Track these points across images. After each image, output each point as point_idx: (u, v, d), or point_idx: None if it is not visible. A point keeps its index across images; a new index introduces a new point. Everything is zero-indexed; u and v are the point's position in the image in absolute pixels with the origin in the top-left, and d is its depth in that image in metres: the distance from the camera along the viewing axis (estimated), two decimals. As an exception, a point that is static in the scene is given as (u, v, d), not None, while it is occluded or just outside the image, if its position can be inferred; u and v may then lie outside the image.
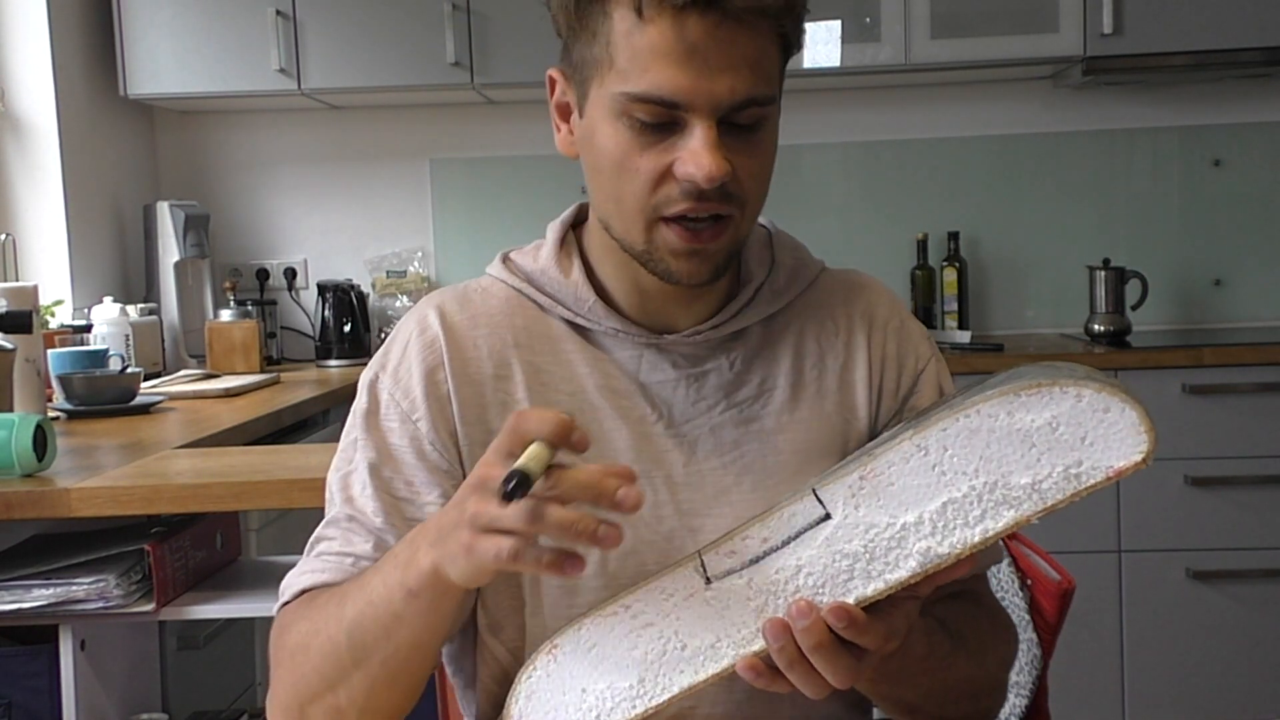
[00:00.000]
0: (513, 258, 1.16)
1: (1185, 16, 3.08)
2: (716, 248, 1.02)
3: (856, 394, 1.13)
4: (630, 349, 1.10)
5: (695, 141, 0.97)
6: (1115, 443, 0.82)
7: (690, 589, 0.92)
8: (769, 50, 0.99)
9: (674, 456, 1.09)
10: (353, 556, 1.06)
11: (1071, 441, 0.83)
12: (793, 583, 0.89)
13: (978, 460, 0.85)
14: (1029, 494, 0.84)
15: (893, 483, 0.87)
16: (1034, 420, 0.83)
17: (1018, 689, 1.22)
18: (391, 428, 1.09)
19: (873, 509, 0.87)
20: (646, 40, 0.96)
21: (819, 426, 1.11)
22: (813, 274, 1.16)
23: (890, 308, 1.17)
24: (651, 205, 1.00)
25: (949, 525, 0.85)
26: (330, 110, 3.57)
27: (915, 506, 0.86)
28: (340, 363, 3.41)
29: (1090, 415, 0.83)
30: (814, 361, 1.13)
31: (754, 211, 1.04)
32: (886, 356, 1.14)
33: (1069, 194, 3.50)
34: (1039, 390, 0.83)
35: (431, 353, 1.10)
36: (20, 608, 1.65)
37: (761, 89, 0.98)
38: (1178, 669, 2.94)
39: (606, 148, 1.01)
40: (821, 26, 3.16)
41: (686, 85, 0.96)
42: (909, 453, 0.86)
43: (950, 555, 0.85)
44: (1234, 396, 2.89)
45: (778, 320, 1.13)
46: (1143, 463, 0.82)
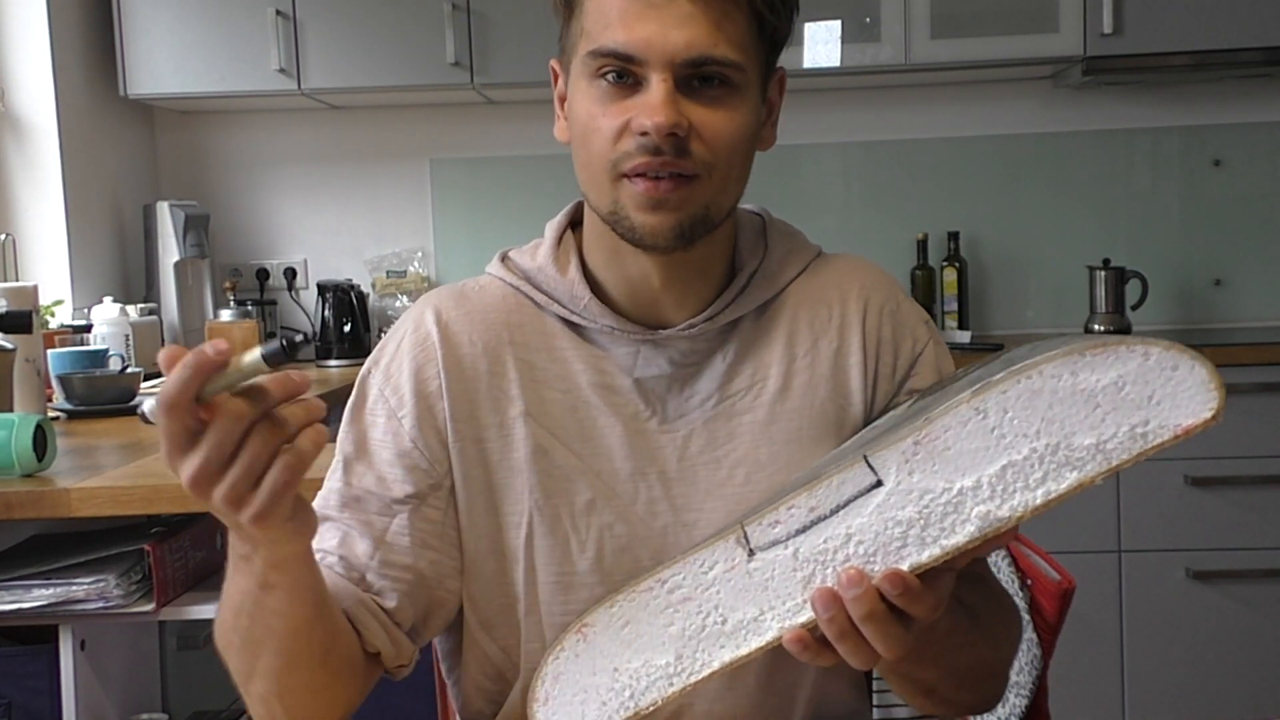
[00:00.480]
0: (511, 256, 1.16)
1: (1185, 16, 3.08)
2: (679, 199, 1.01)
3: (851, 380, 1.12)
4: (625, 345, 1.10)
5: (650, 95, 0.99)
6: (1184, 400, 0.81)
7: (731, 561, 0.90)
8: (733, 16, 1.00)
9: (668, 452, 1.09)
10: (319, 552, 1.06)
11: (1138, 400, 0.81)
12: (842, 551, 0.87)
13: (1039, 422, 0.83)
14: (1093, 454, 0.82)
15: (949, 447, 0.84)
16: (1099, 380, 0.82)
17: (1018, 689, 1.22)
18: (375, 422, 1.10)
19: (928, 474, 0.85)
20: (608, 3, 1.00)
21: (812, 415, 1.11)
22: (807, 259, 1.16)
23: (886, 291, 1.17)
24: (611, 161, 1.01)
25: (1009, 488, 0.83)
26: (330, 110, 3.57)
27: (973, 471, 0.84)
28: (340, 363, 3.41)
29: (1158, 373, 0.81)
30: (807, 349, 1.12)
31: (725, 180, 1.03)
32: (882, 340, 1.14)
33: (1069, 194, 3.50)
34: (1104, 350, 0.82)
35: (423, 350, 1.11)
36: (20, 608, 1.65)
37: (723, 50, 0.99)
38: (1178, 669, 2.93)
39: (579, 112, 1.04)
40: (821, 26, 3.16)
41: (641, 39, 0.98)
42: (966, 416, 0.84)
43: (1011, 518, 0.83)
44: (1234, 396, 2.86)
45: (771, 308, 1.13)
46: (1213, 419, 0.80)
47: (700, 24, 0.99)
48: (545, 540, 1.08)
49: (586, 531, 1.08)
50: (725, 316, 1.10)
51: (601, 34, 1.00)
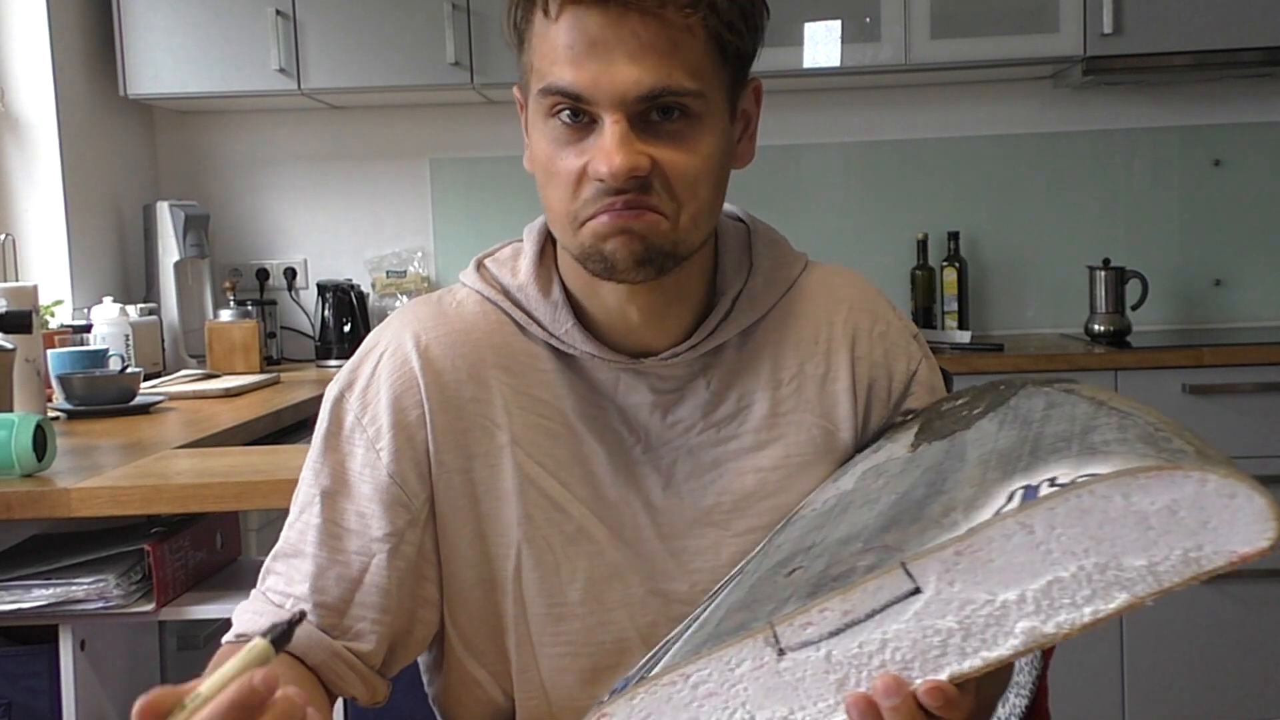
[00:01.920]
0: (489, 267, 1.12)
1: (1185, 16, 3.08)
2: (644, 228, 0.97)
3: (839, 405, 1.10)
4: (607, 372, 1.07)
5: (604, 138, 0.95)
6: (1240, 528, 0.78)
7: (760, 659, 0.87)
8: (687, 42, 0.94)
9: (652, 480, 1.07)
10: (291, 598, 1.04)
11: (1193, 526, 0.79)
12: (878, 657, 0.84)
13: (1089, 540, 0.80)
14: (1143, 576, 0.80)
15: (992, 559, 0.81)
16: (1153, 503, 0.79)
17: (1018, 689, 1.22)
18: (353, 453, 1.06)
19: (969, 585, 0.82)
20: (553, 37, 0.96)
21: (799, 441, 1.08)
22: (791, 276, 1.12)
23: (874, 313, 1.13)
24: (573, 211, 0.98)
25: (1055, 604, 0.81)
26: (330, 110, 3.57)
27: (1017, 585, 0.81)
28: (340, 363, 3.41)
29: (1215, 500, 0.79)
30: (793, 374, 1.09)
31: (696, 214, 0.99)
32: (875, 364, 1.11)
33: (1069, 194, 3.50)
34: (1159, 474, 0.79)
35: (403, 377, 1.06)
36: (20, 608, 1.65)
37: (678, 80, 0.94)
38: (1178, 669, 2.93)
39: (537, 153, 1.01)
40: (821, 26, 3.16)
41: (588, 78, 0.94)
42: (1011, 530, 0.81)
43: (1058, 634, 0.81)
44: (1234, 396, 2.89)
45: (755, 332, 1.10)
46: (1269, 549, 0.78)
47: (649, 56, 0.93)
48: (534, 572, 1.05)
49: (575, 561, 1.05)
50: (709, 344, 1.07)
51: (549, 71, 0.96)
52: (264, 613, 1.04)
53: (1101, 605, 0.81)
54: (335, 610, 1.04)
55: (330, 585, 1.04)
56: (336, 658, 1.03)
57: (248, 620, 1.05)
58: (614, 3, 0.93)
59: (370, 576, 1.04)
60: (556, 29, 0.95)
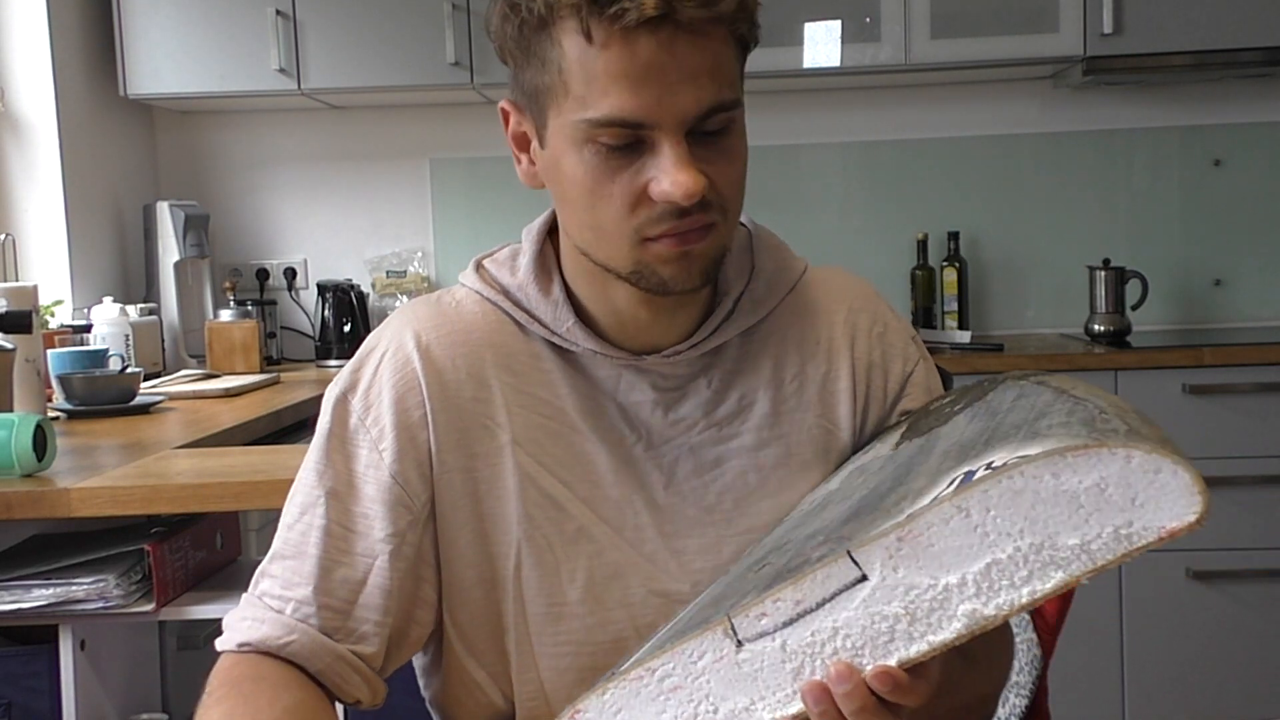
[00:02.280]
0: (488, 268, 1.12)
1: (1185, 16, 3.08)
2: (703, 249, 0.99)
3: (839, 405, 1.11)
4: (608, 369, 1.08)
5: (667, 160, 0.95)
6: (1168, 504, 0.80)
7: (720, 651, 0.89)
8: (725, 54, 0.96)
9: (654, 478, 1.07)
10: (293, 604, 1.04)
11: (1121, 503, 0.81)
12: (830, 645, 0.86)
13: (1023, 521, 0.82)
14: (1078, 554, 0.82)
15: (932, 544, 0.84)
16: (1081, 481, 0.81)
17: (1018, 689, 1.22)
18: (357, 454, 1.06)
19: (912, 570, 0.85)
20: (601, 65, 0.94)
21: (800, 440, 1.09)
22: (793, 279, 1.13)
23: (873, 313, 1.14)
24: (633, 228, 0.98)
25: (994, 586, 0.83)
26: (330, 110, 3.57)
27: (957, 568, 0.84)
28: (340, 363, 3.41)
29: (1141, 476, 0.80)
30: (794, 373, 1.11)
31: (735, 217, 1.02)
32: (873, 364, 1.12)
33: (1069, 194, 3.50)
34: (1086, 452, 0.81)
35: (404, 377, 1.07)
36: (20, 608, 1.65)
37: (725, 94, 0.96)
38: (1178, 669, 2.94)
39: (575, 177, 0.98)
40: (821, 26, 3.16)
41: (649, 104, 0.93)
42: (949, 514, 0.84)
43: (998, 616, 0.83)
44: (1234, 396, 2.89)
45: (757, 332, 1.11)
46: (1197, 524, 0.80)
47: (699, 76, 0.94)
48: (534, 571, 1.06)
49: (575, 560, 1.06)
50: (710, 342, 1.08)
51: (600, 102, 0.94)
52: (264, 619, 1.04)
53: (1039, 585, 0.83)
54: (340, 613, 1.04)
55: (336, 587, 1.04)
56: (341, 660, 1.03)
57: (247, 628, 1.05)
58: (665, 25, 0.92)
59: (374, 578, 1.04)
60: (602, 55, 0.94)
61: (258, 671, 1.02)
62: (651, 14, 0.92)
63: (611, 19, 0.92)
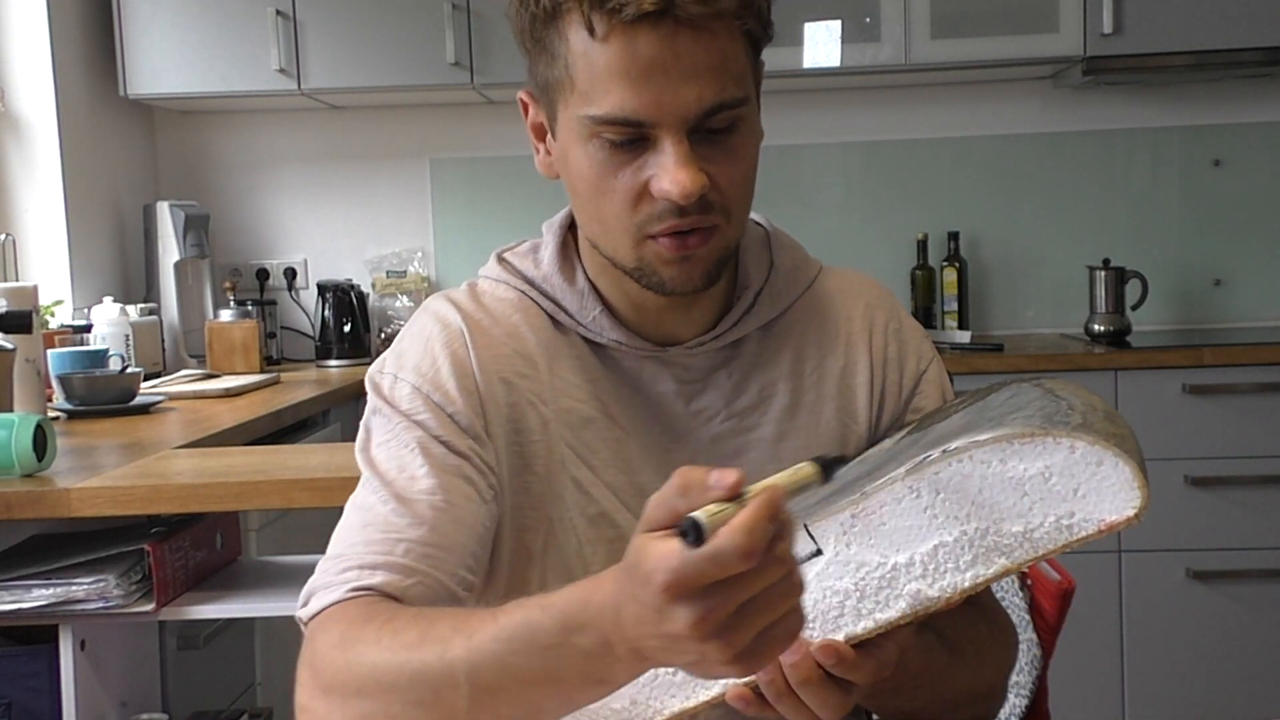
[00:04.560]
0: (510, 260, 1.14)
1: (1185, 16, 3.08)
2: (706, 252, 1.00)
3: (857, 398, 1.13)
4: (632, 360, 1.10)
5: (667, 158, 0.95)
6: (1108, 496, 0.81)
7: None
8: (732, 50, 0.96)
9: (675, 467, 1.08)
10: (404, 543, 0.97)
11: (1064, 492, 0.82)
12: None
13: (970, 505, 0.84)
14: (1020, 542, 0.83)
15: (884, 522, 0.86)
16: (1026, 469, 0.82)
17: (1018, 689, 1.22)
18: (424, 420, 1.03)
19: (864, 548, 0.86)
20: (603, 60, 0.94)
21: (819, 432, 1.11)
22: (810, 275, 1.16)
23: (890, 310, 1.17)
24: (635, 224, 0.99)
25: (940, 568, 0.84)
26: (330, 110, 3.56)
27: (907, 548, 0.85)
28: (340, 363, 3.41)
29: (1083, 468, 0.82)
30: (814, 366, 1.12)
31: (740, 216, 1.03)
32: (889, 359, 1.14)
33: (1069, 194, 3.50)
34: (1032, 439, 0.82)
35: (458, 346, 1.06)
36: (20, 608, 1.65)
37: (730, 92, 0.96)
38: (1178, 669, 2.93)
39: (581, 170, 1.00)
40: (821, 26, 3.16)
41: (650, 102, 0.94)
42: (901, 494, 0.85)
43: (940, 599, 0.85)
44: (1234, 396, 2.89)
45: (777, 325, 1.13)
46: (1135, 518, 0.81)
47: (705, 73, 0.94)
48: (557, 553, 1.08)
49: (595, 545, 1.08)
50: (731, 335, 1.10)
51: (602, 99, 0.95)
52: (375, 566, 0.95)
53: (982, 570, 0.84)
54: (454, 555, 0.99)
55: (450, 529, 0.99)
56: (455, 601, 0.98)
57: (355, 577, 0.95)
58: (665, 21, 0.93)
59: (475, 522, 1.00)
60: (604, 50, 0.94)
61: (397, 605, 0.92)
62: (650, 8, 0.92)
63: (611, 12, 0.93)
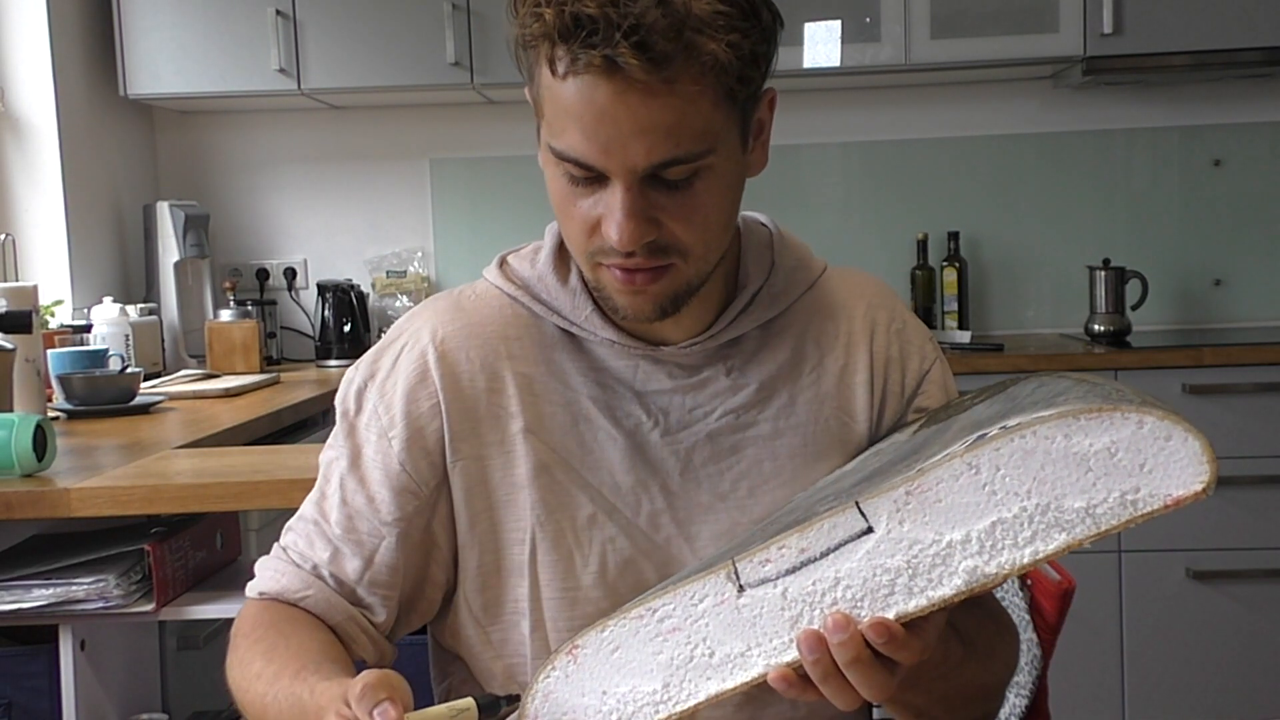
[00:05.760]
0: (510, 262, 1.15)
1: (1185, 16, 3.08)
2: (657, 290, 1.01)
3: (856, 398, 1.12)
4: (625, 359, 1.10)
5: (615, 204, 0.96)
6: (1176, 471, 0.81)
7: (721, 595, 0.90)
8: (694, 109, 0.94)
9: (670, 464, 1.09)
10: (312, 563, 1.11)
11: (1130, 468, 0.81)
12: (830, 595, 0.87)
13: (1031, 481, 0.83)
14: (1082, 518, 0.82)
15: (940, 499, 0.85)
16: (1092, 444, 0.82)
17: (1018, 689, 1.22)
18: (369, 439, 1.12)
19: (918, 525, 0.85)
20: (563, 99, 0.95)
21: (816, 431, 1.11)
22: (813, 276, 1.15)
23: (892, 310, 1.17)
24: (589, 252, 1.02)
25: (997, 545, 0.84)
26: (330, 110, 3.57)
27: (963, 525, 0.84)
28: (340, 363, 3.41)
29: (1151, 443, 0.81)
30: (813, 364, 1.12)
31: (705, 253, 1.02)
32: (890, 359, 1.14)
33: (1069, 194, 3.50)
34: (1099, 414, 0.82)
35: (418, 369, 1.11)
36: (20, 608, 1.65)
37: (685, 148, 0.95)
38: (1178, 669, 2.93)
39: (552, 188, 1.02)
40: (821, 26, 3.16)
41: (598, 150, 0.95)
42: (959, 470, 0.84)
43: (998, 575, 0.84)
44: (1234, 396, 2.89)
45: (776, 323, 1.13)
46: (1203, 493, 0.81)
47: (655, 130, 0.93)
48: (548, 556, 1.08)
49: (589, 546, 1.08)
50: (726, 334, 1.10)
51: (560, 136, 0.96)
52: (285, 572, 1.11)
53: (1041, 546, 0.83)
54: (349, 583, 1.11)
55: (345, 561, 1.10)
56: (351, 620, 1.09)
57: (270, 579, 1.12)
58: (617, 77, 0.92)
59: (380, 556, 1.10)
60: (564, 89, 0.95)
61: (289, 614, 1.09)
62: (598, 63, 0.92)
63: (569, 58, 0.94)
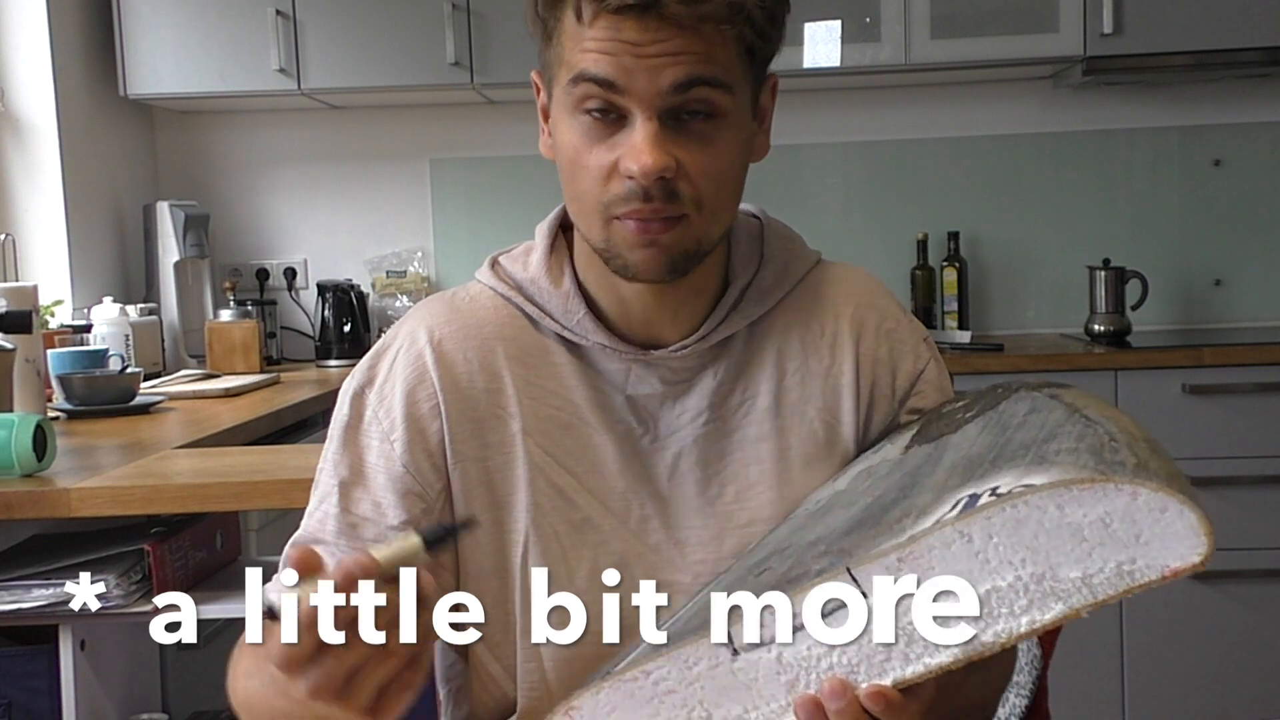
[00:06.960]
0: (502, 263, 1.15)
1: (1185, 16, 3.08)
2: (670, 240, 1.00)
3: (842, 400, 1.11)
4: (617, 363, 1.10)
5: (635, 134, 0.97)
6: (1172, 543, 0.79)
7: (716, 659, 0.89)
8: (720, 52, 0.97)
9: (660, 470, 1.09)
10: None
11: (1125, 539, 0.80)
12: (826, 660, 0.86)
13: (1025, 550, 0.82)
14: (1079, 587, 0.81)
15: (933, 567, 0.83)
16: (1085, 515, 0.80)
17: (1018, 689, 1.22)
18: (370, 444, 1.10)
19: None
20: (588, 37, 0.97)
21: (801, 433, 1.10)
22: (804, 269, 1.14)
23: (883, 309, 1.14)
24: (603, 203, 1.00)
25: (993, 613, 0.82)
26: (330, 110, 3.57)
27: None
28: (340, 363, 3.41)
29: (1146, 514, 0.80)
30: (797, 366, 1.11)
31: (716, 213, 1.02)
32: (878, 361, 1.12)
33: (1069, 194, 3.50)
34: (1092, 486, 0.80)
35: (416, 370, 1.10)
36: (20, 608, 1.65)
37: (711, 71, 0.97)
38: (1178, 669, 2.93)
39: (564, 144, 1.02)
40: (821, 26, 3.16)
41: (623, 69, 0.96)
42: (951, 538, 0.83)
43: (995, 644, 0.83)
44: (1234, 396, 2.89)
45: (763, 323, 1.12)
46: (1200, 565, 0.79)
47: (681, 59, 0.96)
48: (540, 560, 1.07)
49: (580, 550, 1.07)
50: (717, 335, 1.10)
51: (580, 60, 0.98)
52: None
53: (1038, 615, 0.82)
54: None
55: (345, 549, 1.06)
56: None
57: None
58: (649, 15, 0.94)
59: None
60: (591, 31, 0.97)
61: None
62: (633, 2, 0.94)
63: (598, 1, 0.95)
